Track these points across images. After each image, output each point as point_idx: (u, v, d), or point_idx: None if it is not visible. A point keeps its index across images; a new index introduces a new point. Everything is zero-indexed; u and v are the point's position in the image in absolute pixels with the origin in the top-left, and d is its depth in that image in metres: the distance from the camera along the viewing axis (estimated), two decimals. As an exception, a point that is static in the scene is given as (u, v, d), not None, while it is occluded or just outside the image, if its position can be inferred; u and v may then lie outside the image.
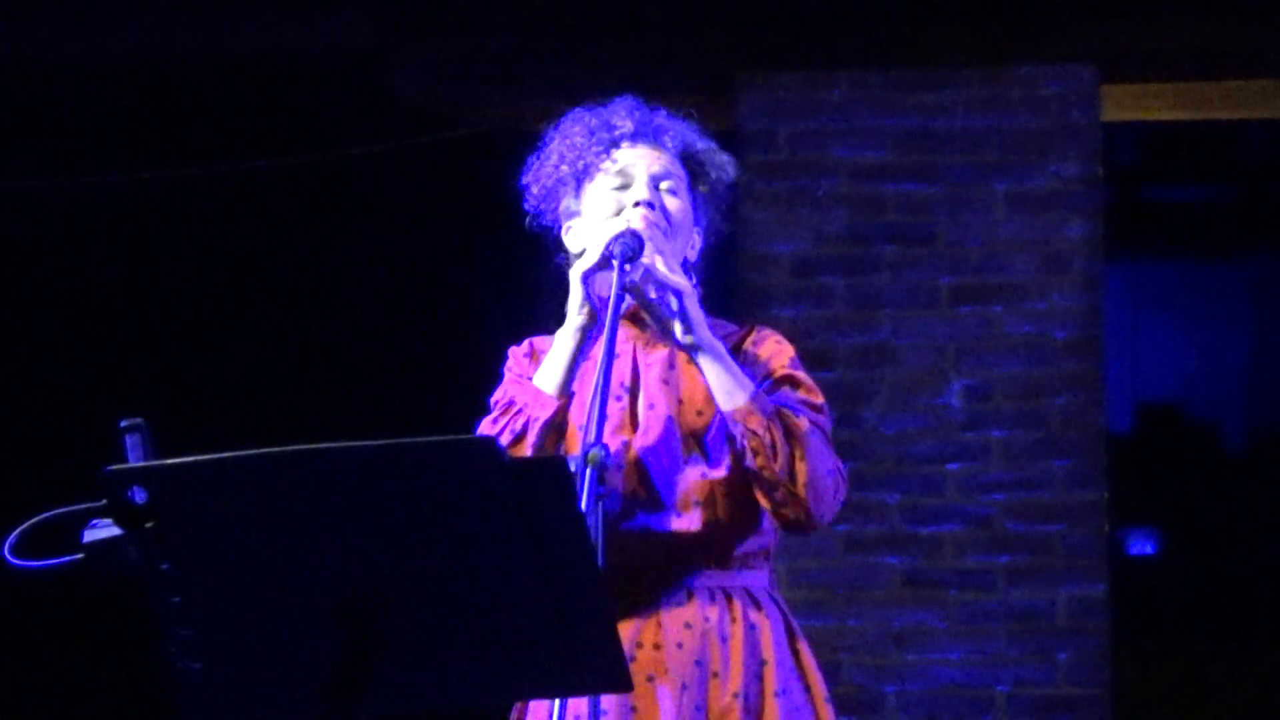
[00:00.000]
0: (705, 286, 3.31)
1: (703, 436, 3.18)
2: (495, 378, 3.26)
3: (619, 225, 3.17)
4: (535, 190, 3.33)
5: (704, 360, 3.12)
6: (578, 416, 3.12)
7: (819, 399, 3.24)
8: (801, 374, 3.26)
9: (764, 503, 3.17)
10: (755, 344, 3.29)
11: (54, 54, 6.82)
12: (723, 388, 3.12)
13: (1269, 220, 10.12)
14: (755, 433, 3.11)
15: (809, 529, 3.20)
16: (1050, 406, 6.13)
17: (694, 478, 3.15)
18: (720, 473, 3.16)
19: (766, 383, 3.22)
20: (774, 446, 3.11)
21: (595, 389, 2.98)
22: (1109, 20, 6.26)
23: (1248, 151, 9.59)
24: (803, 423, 3.14)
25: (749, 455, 3.12)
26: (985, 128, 6.19)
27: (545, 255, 3.35)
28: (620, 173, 3.25)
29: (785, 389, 3.23)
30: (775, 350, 3.28)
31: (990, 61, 6.20)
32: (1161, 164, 9.76)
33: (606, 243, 3.14)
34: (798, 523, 3.17)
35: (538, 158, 3.34)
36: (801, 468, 3.12)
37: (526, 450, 3.10)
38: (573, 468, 2.86)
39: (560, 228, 3.33)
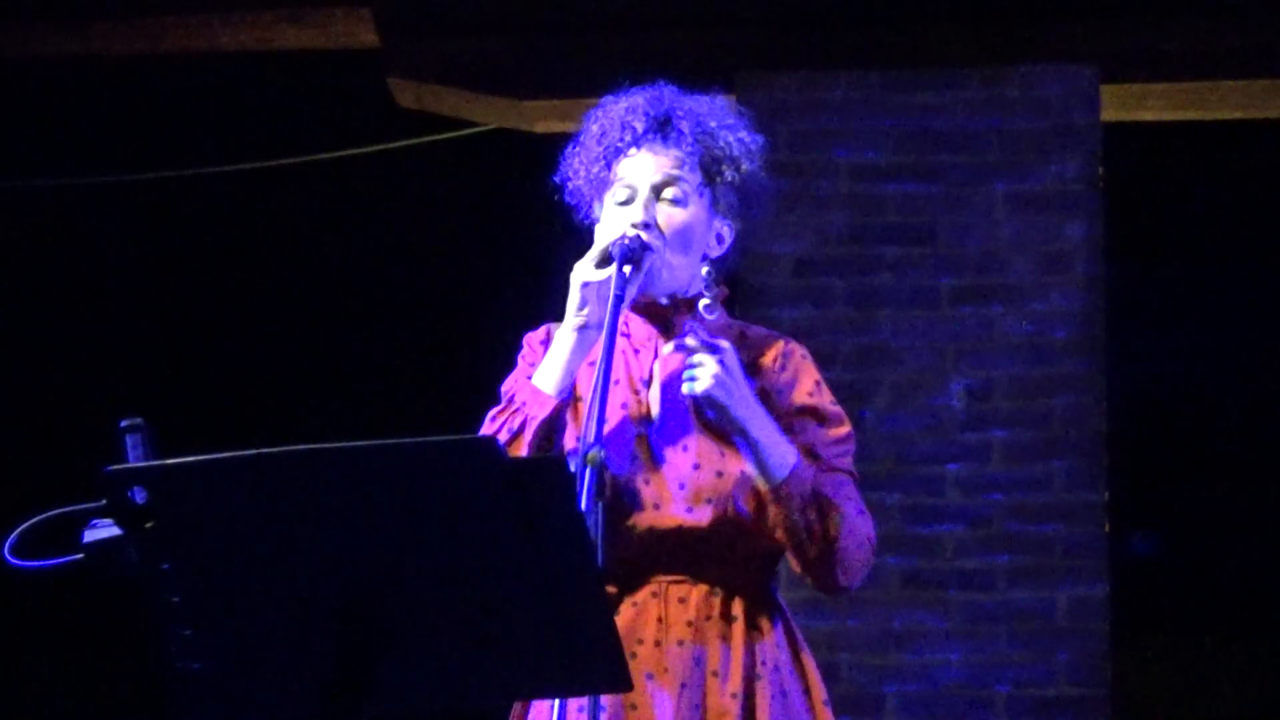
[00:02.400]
0: (728, 282, 3.31)
1: (719, 433, 3.17)
2: (495, 374, 3.26)
3: (618, 233, 3.17)
4: (570, 188, 3.33)
5: (741, 440, 3.11)
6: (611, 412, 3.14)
7: (844, 429, 3.24)
8: (826, 403, 3.24)
9: (794, 563, 3.19)
10: (780, 364, 3.25)
11: (54, 54, 6.82)
12: (759, 466, 3.12)
13: (1269, 220, 10.12)
14: (789, 515, 3.12)
15: (835, 595, 3.24)
16: (1050, 406, 6.13)
17: (708, 475, 3.15)
18: (735, 472, 3.16)
19: (788, 407, 3.20)
20: (808, 529, 3.13)
21: (594, 390, 2.98)
22: (1109, 20, 6.26)
23: (1248, 151, 9.59)
24: (841, 504, 3.15)
25: (780, 533, 3.13)
26: (985, 128, 6.19)
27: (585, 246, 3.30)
28: (624, 185, 3.24)
29: (810, 422, 3.22)
30: (800, 374, 3.25)
31: (990, 61, 6.20)
32: (1161, 164, 9.76)
33: (606, 245, 3.15)
34: (824, 590, 3.21)
35: (572, 150, 3.33)
36: (834, 548, 3.14)
37: (523, 448, 3.10)
38: (572, 468, 2.87)
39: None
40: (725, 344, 3.12)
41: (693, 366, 3.10)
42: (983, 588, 6.09)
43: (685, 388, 3.10)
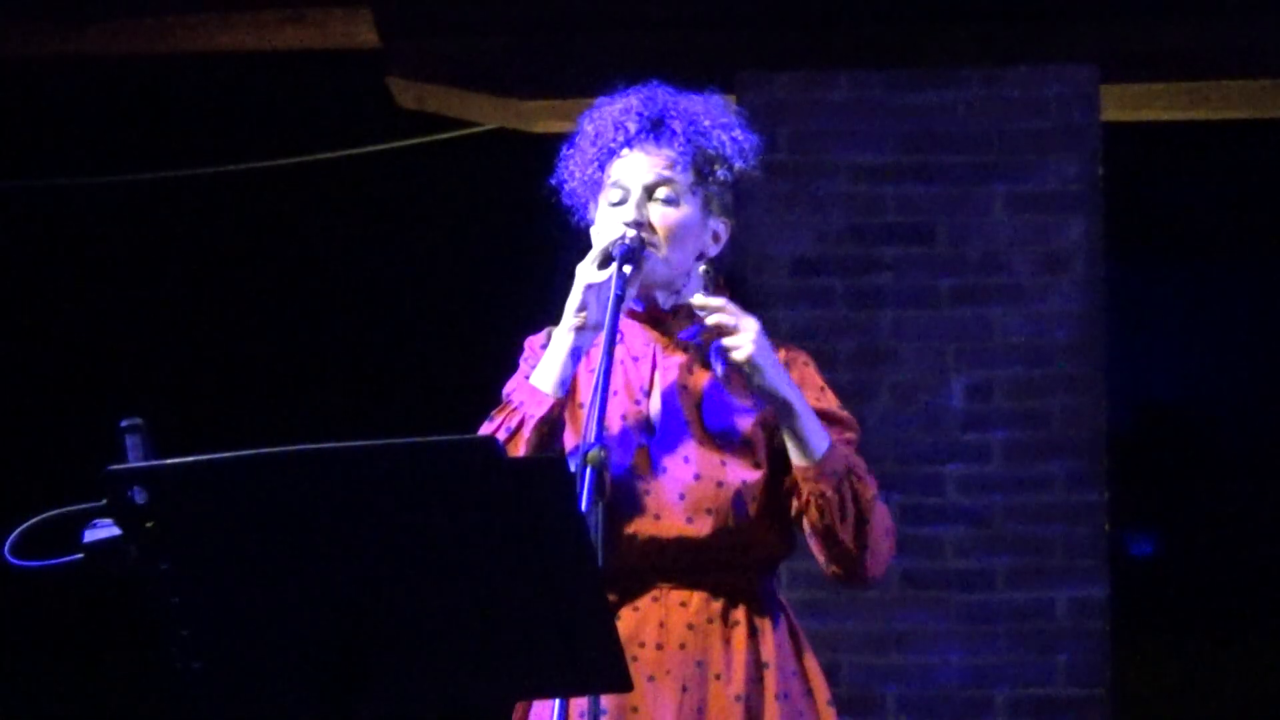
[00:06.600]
0: (727, 282, 3.30)
1: (719, 443, 3.17)
2: (495, 375, 3.26)
3: (617, 233, 3.17)
4: (567, 190, 3.32)
5: (782, 410, 3.11)
6: (611, 420, 3.13)
7: (855, 432, 3.25)
8: (835, 406, 3.25)
9: (819, 555, 3.19)
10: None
11: (54, 54, 6.82)
12: (798, 439, 3.13)
13: (1269, 220, 10.13)
14: (824, 495, 3.12)
15: (859, 587, 3.25)
16: (1050, 407, 6.12)
17: (708, 484, 3.15)
18: (735, 482, 3.15)
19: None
20: (842, 510, 3.13)
21: (595, 391, 2.98)
22: (1109, 20, 6.26)
23: (1248, 151, 9.59)
24: (870, 486, 3.16)
25: (814, 513, 3.14)
26: (985, 128, 6.19)
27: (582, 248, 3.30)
28: (616, 186, 3.24)
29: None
30: (806, 379, 3.25)
31: (990, 61, 6.20)
32: (1161, 164, 9.77)
33: (606, 246, 3.14)
34: (849, 581, 3.22)
35: (568, 152, 3.33)
36: (865, 533, 3.15)
37: (521, 447, 3.10)
38: (572, 468, 2.87)
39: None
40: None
41: (726, 336, 3.09)
42: (982, 588, 6.09)
43: (729, 355, 3.07)
